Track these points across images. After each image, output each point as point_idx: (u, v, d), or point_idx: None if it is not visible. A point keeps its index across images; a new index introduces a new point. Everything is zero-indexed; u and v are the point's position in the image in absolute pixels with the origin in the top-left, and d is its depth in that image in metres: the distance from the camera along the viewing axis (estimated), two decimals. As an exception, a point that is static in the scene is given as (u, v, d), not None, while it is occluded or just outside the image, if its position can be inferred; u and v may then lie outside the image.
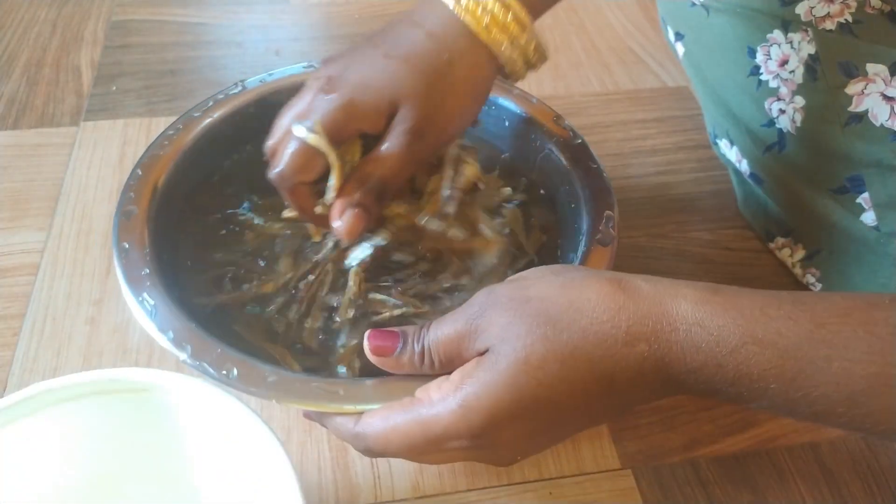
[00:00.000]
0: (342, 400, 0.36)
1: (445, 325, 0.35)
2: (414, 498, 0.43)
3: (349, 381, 0.38)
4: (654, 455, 0.46)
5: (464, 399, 0.33)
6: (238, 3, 0.82)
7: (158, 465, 0.38)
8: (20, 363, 0.49)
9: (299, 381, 0.37)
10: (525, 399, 0.33)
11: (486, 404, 0.33)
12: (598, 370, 0.33)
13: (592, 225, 0.45)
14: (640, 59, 0.76)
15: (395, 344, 0.36)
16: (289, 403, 0.37)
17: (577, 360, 0.33)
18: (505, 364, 0.33)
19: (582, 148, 0.50)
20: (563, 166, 0.50)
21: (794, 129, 0.51)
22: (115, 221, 0.45)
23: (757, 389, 0.33)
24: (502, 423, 0.33)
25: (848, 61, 0.47)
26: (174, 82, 0.71)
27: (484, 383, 0.33)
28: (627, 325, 0.33)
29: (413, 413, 0.34)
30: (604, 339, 0.33)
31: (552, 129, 0.52)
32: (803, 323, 0.32)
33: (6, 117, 0.67)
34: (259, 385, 0.37)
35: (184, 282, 0.45)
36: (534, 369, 0.33)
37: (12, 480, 0.36)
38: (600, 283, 0.34)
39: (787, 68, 0.51)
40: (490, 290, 0.36)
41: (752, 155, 0.56)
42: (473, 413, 0.33)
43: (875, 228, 0.48)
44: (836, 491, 0.44)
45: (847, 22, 0.47)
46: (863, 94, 0.46)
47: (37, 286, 0.53)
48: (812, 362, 0.32)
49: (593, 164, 0.49)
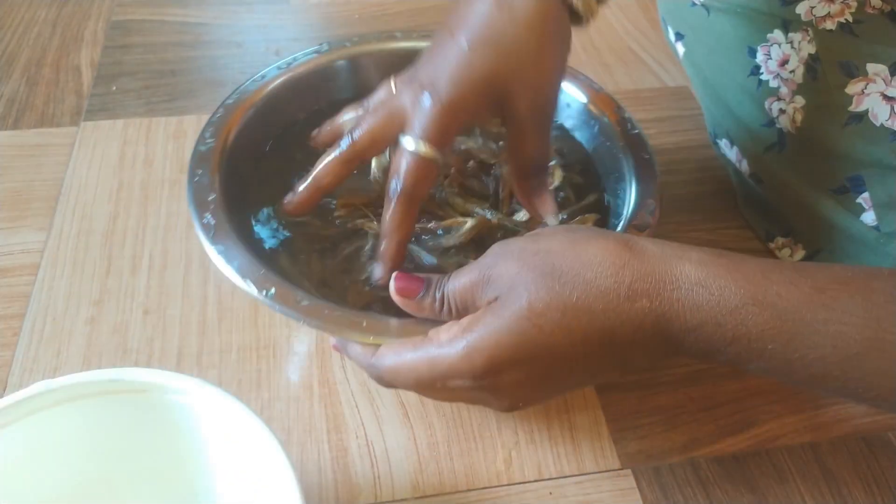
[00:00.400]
0: (364, 331, 0.39)
1: (462, 275, 0.38)
2: (414, 498, 0.43)
3: (373, 315, 0.40)
4: (654, 455, 0.46)
5: (469, 341, 0.35)
6: (238, 3, 0.82)
7: (158, 465, 0.38)
8: (20, 363, 0.49)
9: (328, 308, 0.40)
10: (525, 344, 0.35)
11: (489, 347, 0.35)
12: (598, 322, 0.34)
13: (634, 211, 0.47)
14: (640, 59, 0.76)
15: (418, 287, 0.38)
16: (316, 327, 0.40)
17: (578, 311, 0.34)
18: (509, 311, 0.35)
19: (638, 138, 0.52)
20: (617, 153, 0.51)
21: (795, 129, 0.51)
22: (193, 152, 0.48)
23: (755, 350, 0.33)
24: (502, 365, 0.35)
25: (848, 61, 0.47)
26: (174, 82, 0.71)
27: (488, 327, 0.35)
28: (630, 280, 0.34)
29: (422, 351, 0.37)
30: (606, 292, 0.34)
31: (611, 118, 0.53)
32: (803, 287, 0.33)
33: (6, 117, 0.67)
34: (292, 306, 0.40)
35: (246, 209, 0.49)
36: (536, 316, 0.34)
37: (12, 480, 0.36)
38: (607, 241, 0.36)
39: (788, 68, 0.51)
40: (505, 243, 0.38)
41: (752, 155, 0.56)
42: (476, 354, 0.35)
43: (875, 228, 0.48)
44: (836, 491, 0.44)
45: (847, 22, 0.47)
46: (863, 94, 0.46)
47: (37, 286, 0.53)
48: (810, 324, 0.33)
49: (646, 154, 0.50)
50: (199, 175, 0.47)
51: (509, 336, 0.35)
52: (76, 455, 0.37)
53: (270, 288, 0.41)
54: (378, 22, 0.80)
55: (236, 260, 0.42)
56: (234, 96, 0.52)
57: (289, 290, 0.41)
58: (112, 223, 0.58)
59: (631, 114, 0.54)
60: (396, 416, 0.47)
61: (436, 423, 0.47)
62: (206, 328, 0.51)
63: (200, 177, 0.46)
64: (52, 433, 0.36)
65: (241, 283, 0.41)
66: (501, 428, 0.46)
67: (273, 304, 0.40)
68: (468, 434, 0.46)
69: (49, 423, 0.36)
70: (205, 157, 0.48)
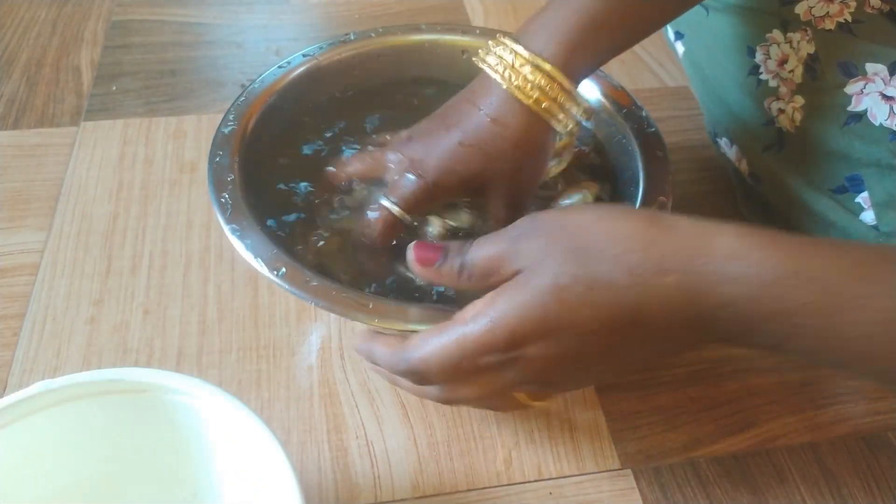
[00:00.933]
0: (370, 312, 0.40)
1: (487, 244, 0.37)
2: (414, 498, 0.43)
3: (379, 298, 0.41)
4: (654, 455, 0.46)
5: (493, 315, 0.35)
6: (238, 3, 0.82)
7: (158, 465, 0.38)
8: (20, 363, 0.49)
9: (335, 289, 0.41)
10: (549, 318, 0.34)
11: (513, 320, 0.34)
12: (624, 299, 0.33)
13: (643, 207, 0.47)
14: (640, 59, 0.76)
15: (437, 256, 0.38)
16: (323, 307, 0.41)
17: (604, 287, 0.33)
18: (534, 284, 0.34)
19: (654, 136, 0.52)
20: (631, 150, 0.52)
21: (794, 129, 0.51)
22: (213, 137, 0.49)
23: (793, 327, 0.32)
24: (527, 338, 0.34)
25: (847, 61, 0.47)
26: (174, 82, 0.72)
27: (512, 301, 0.35)
28: (660, 256, 0.33)
29: (449, 332, 0.36)
30: (633, 267, 0.33)
31: (628, 114, 0.54)
32: (844, 262, 0.32)
33: (6, 117, 0.67)
34: (301, 287, 0.41)
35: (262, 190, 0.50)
36: (560, 290, 0.34)
37: (12, 480, 0.36)
38: (637, 217, 0.35)
39: (787, 68, 0.51)
40: (533, 217, 0.37)
41: (751, 154, 0.56)
42: (500, 327, 0.35)
43: (874, 228, 0.48)
44: (836, 491, 0.44)
45: (846, 22, 0.47)
46: (862, 94, 0.46)
47: (37, 286, 0.53)
48: (853, 299, 0.31)
49: (660, 152, 0.51)
50: (219, 156, 0.48)
51: (533, 310, 0.34)
52: (76, 455, 0.37)
53: (281, 268, 0.42)
54: (378, 22, 0.80)
55: (249, 239, 0.43)
56: (258, 82, 0.53)
57: (298, 270, 0.42)
58: (112, 223, 0.58)
59: (648, 113, 0.54)
60: (396, 416, 0.47)
61: (436, 423, 0.47)
62: (206, 328, 0.51)
63: (221, 158, 0.48)
64: (52, 433, 0.36)
65: (252, 261, 0.42)
66: (501, 428, 0.46)
67: (283, 284, 0.41)
68: (468, 434, 0.46)
69: (49, 423, 0.36)
70: (227, 139, 0.49)
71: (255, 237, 0.43)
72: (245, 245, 0.43)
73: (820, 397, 0.48)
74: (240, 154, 0.49)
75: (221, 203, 0.45)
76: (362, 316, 0.40)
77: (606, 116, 0.55)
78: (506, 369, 0.36)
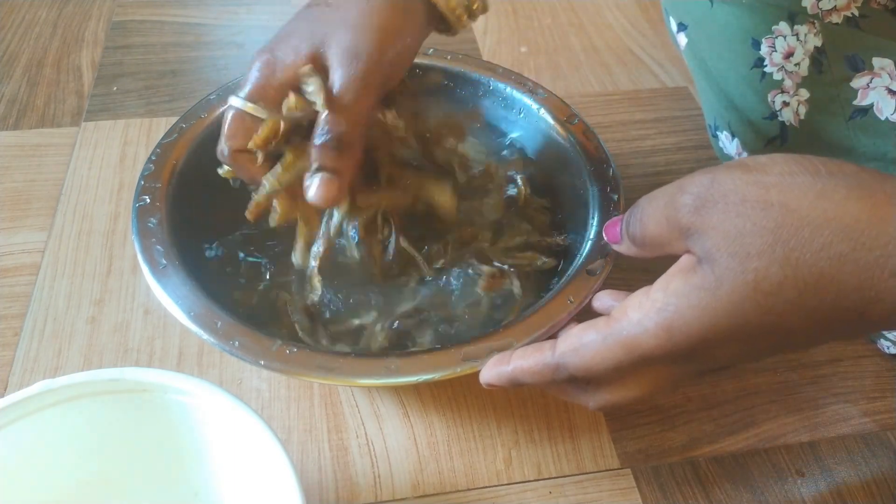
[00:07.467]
0: (338, 372, 0.39)
1: (654, 207, 0.32)
2: (414, 497, 0.43)
3: (342, 354, 0.40)
4: (653, 455, 0.46)
5: (669, 322, 0.30)
6: (238, 3, 0.83)
7: (158, 464, 0.38)
8: (21, 363, 0.49)
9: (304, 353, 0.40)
10: (749, 326, 0.29)
11: (698, 329, 0.29)
12: (848, 302, 0.27)
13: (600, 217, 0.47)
14: (640, 60, 0.76)
15: (617, 225, 0.36)
16: (295, 375, 0.40)
17: (823, 292, 0.27)
18: (728, 287, 0.28)
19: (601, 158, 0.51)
20: (574, 157, 0.52)
21: (798, 122, 0.51)
22: (138, 181, 0.48)
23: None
24: (716, 345, 0.30)
25: (854, 55, 0.47)
26: (174, 83, 0.72)
27: (695, 307, 0.29)
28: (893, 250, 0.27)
29: (614, 334, 0.31)
30: (866, 268, 0.27)
31: (563, 123, 0.54)
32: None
33: (7, 117, 0.67)
34: (263, 354, 0.39)
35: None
36: (764, 296, 0.28)
37: (12, 480, 0.36)
38: (873, 198, 0.27)
39: (793, 61, 0.50)
40: (712, 178, 0.30)
41: (753, 148, 0.56)
42: (680, 336, 0.30)
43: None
44: (836, 491, 0.44)
45: (853, 16, 0.47)
46: (868, 88, 0.46)
47: (37, 286, 0.53)
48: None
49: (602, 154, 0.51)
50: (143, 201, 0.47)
51: (727, 317, 0.28)
52: (76, 455, 0.37)
53: (236, 339, 0.40)
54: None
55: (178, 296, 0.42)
56: None
57: (257, 336, 0.40)
58: (113, 223, 0.58)
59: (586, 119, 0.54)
60: (396, 415, 0.47)
61: (436, 423, 0.47)
62: (206, 328, 0.51)
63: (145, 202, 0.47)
64: (52, 433, 0.36)
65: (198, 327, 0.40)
66: (501, 428, 0.47)
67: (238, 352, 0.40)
68: (468, 434, 0.46)
69: (49, 422, 0.36)
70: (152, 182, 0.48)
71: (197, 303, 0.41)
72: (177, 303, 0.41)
73: (820, 397, 0.49)
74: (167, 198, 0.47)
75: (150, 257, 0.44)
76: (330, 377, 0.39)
77: (538, 122, 0.55)
78: (684, 363, 0.32)
